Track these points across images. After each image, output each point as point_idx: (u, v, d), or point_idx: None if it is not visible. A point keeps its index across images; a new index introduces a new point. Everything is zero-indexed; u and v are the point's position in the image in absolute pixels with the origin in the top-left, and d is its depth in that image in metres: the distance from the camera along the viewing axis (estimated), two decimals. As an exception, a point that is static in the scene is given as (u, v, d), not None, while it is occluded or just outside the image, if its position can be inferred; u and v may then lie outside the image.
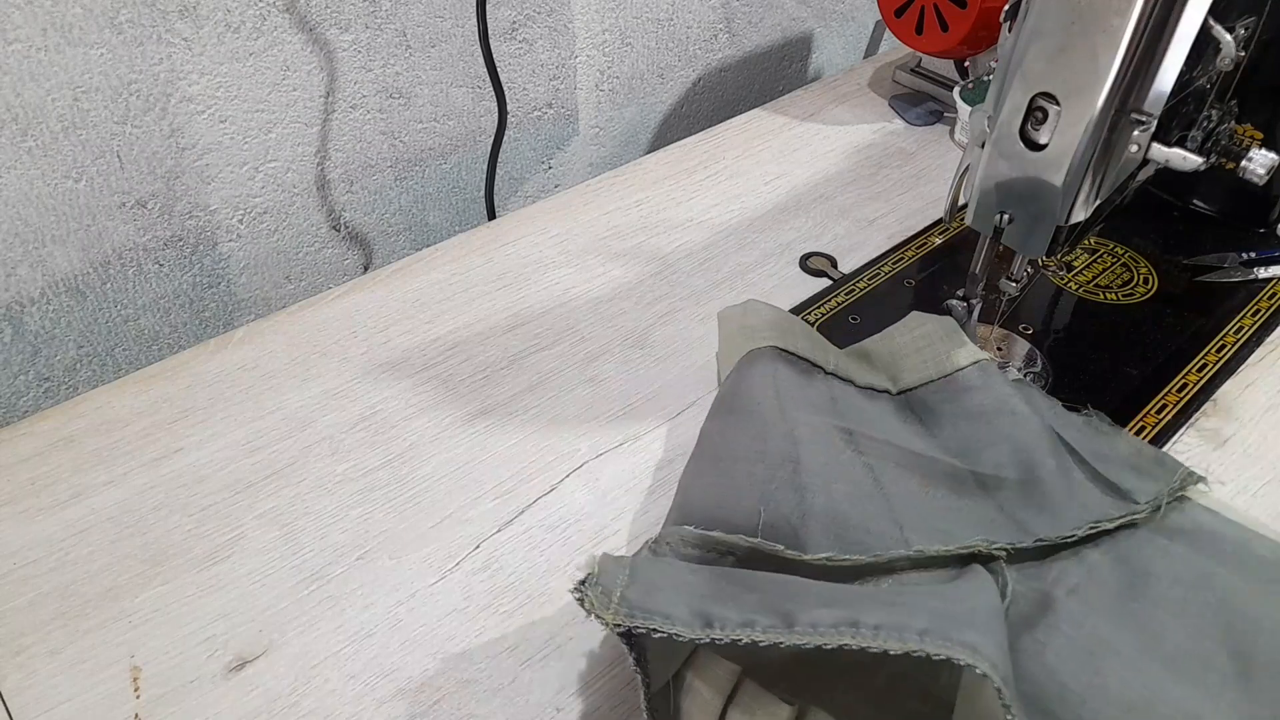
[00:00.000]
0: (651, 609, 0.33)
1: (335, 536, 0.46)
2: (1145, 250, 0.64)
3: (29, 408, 0.63)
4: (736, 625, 0.32)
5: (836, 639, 0.31)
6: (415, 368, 0.56)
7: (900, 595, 0.36)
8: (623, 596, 0.33)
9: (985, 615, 0.34)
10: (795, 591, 0.35)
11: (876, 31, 1.12)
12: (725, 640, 0.32)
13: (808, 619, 0.32)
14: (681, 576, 0.36)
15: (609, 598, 0.33)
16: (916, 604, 0.34)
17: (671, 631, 0.32)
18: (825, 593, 0.35)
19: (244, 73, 0.62)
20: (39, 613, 0.43)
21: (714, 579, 0.36)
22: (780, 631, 0.32)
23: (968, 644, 0.31)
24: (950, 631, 0.31)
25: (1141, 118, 0.43)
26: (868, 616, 0.32)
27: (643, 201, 0.71)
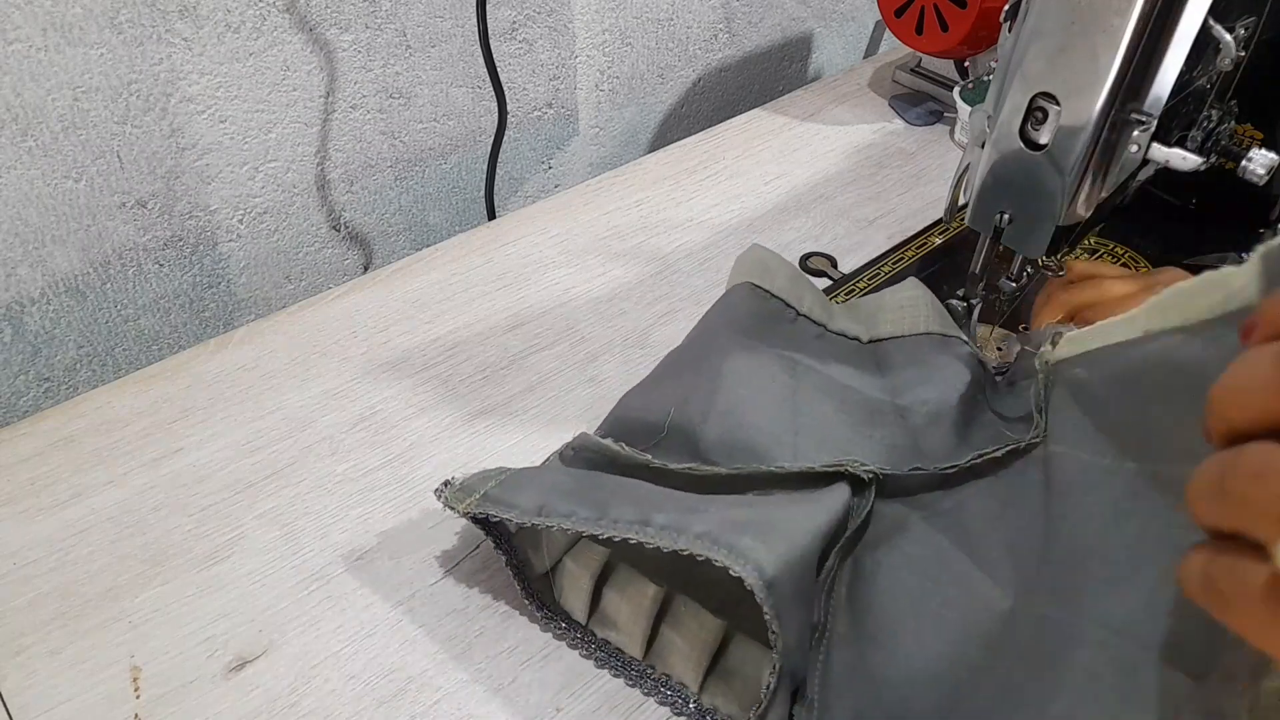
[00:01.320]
0: (504, 500, 0.38)
1: (335, 536, 0.46)
2: (1145, 250, 0.64)
3: (29, 408, 0.63)
4: (560, 515, 0.37)
5: (626, 533, 0.35)
6: (415, 368, 0.56)
7: (710, 503, 0.38)
8: (485, 494, 0.39)
9: (781, 526, 0.36)
10: (624, 490, 0.39)
11: (876, 31, 1.12)
12: (544, 526, 0.37)
13: (614, 514, 0.36)
14: (553, 477, 0.41)
15: (469, 494, 0.39)
16: (713, 510, 0.37)
17: (507, 517, 0.38)
18: (645, 494, 0.39)
19: (244, 73, 0.62)
20: (39, 613, 0.43)
21: (578, 479, 0.41)
22: (589, 523, 0.36)
23: (737, 548, 0.34)
24: (725, 535, 0.34)
25: (1141, 118, 0.43)
26: (660, 516, 0.36)
27: (643, 201, 0.71)
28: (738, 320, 0.50)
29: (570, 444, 0.45)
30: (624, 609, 0.40)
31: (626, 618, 0.40)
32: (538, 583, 0.42)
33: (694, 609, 0.40)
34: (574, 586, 0.41)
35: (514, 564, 0.41)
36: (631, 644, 0.40)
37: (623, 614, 0.40)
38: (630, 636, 0.40)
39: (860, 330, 0.51)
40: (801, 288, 0.53)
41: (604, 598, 0.41)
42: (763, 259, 0.53)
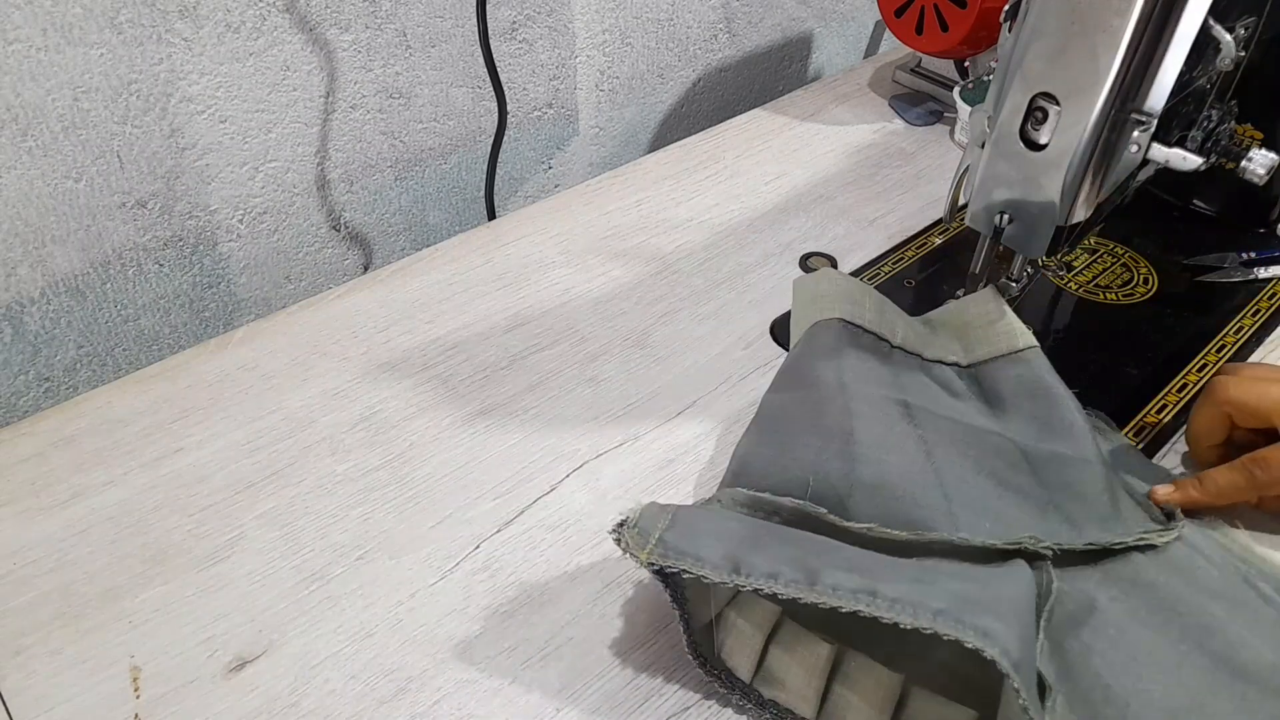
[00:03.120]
0: (686, 551, 0.35)
1: (335, 536, 0.46)
2: (1145, 250, 0.64)
3: (29, 408, 0.63)
4: (762, 574, 0.34)
5: (853, 604, 0.33)
6: (415, 368, 0.56)
7: (928, 573, 0.36)
8: (660, 539, 0.35)
9: (1010, 605, 0.35)
10: (826, 550, 0.37)
11: (876, 31, 1.12)
12: (748, 588, 0.34)
13: (830, 580, 0.34)
14: (724, 524, 0.38)
15: (645, 539, 0.35)
16: (940, 583, 0.35)
17: (700, 573, 0.34)
18: (854, 558, 0.36)
19: (244, 73, 0.62)
20: (39, 613, 0.43)
21: (754, 528, 0.38)
22: (801, 587, 0.33)
23: (980, 628, 0.32)
24: (965, 614, 0.32)
25: (1141, 118, 0.43)
26: (888, 588, 0.33)
27: (643, 201, 0.71)
28: (842, 366, 0.48)
29: (716, 497, 0.43)
30: (794, 668, 0.38)
31: (797, 678, 0.38)
32: (699, 635, 0.38)
33: (867, 665, 0.38)
34: (741, 643, 0.38)
35: (685, 617, 0.37)
36: (804, 705, 0.37)
37: (793, 673, 0.38)
38: (803, 698, 0.38)
39: (956, 353, 0.51)
40: (890, 315, 0.52)
41: (769, 655, 0.38)
42: (845, 289, 0.52)
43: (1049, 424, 0.46)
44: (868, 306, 0.51)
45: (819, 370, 0.48)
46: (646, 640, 0.42)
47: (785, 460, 0.43)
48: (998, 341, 0.50)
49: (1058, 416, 0.46)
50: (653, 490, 0.48)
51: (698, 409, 0.53)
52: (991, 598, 0.35)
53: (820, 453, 0.43)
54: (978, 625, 0.32)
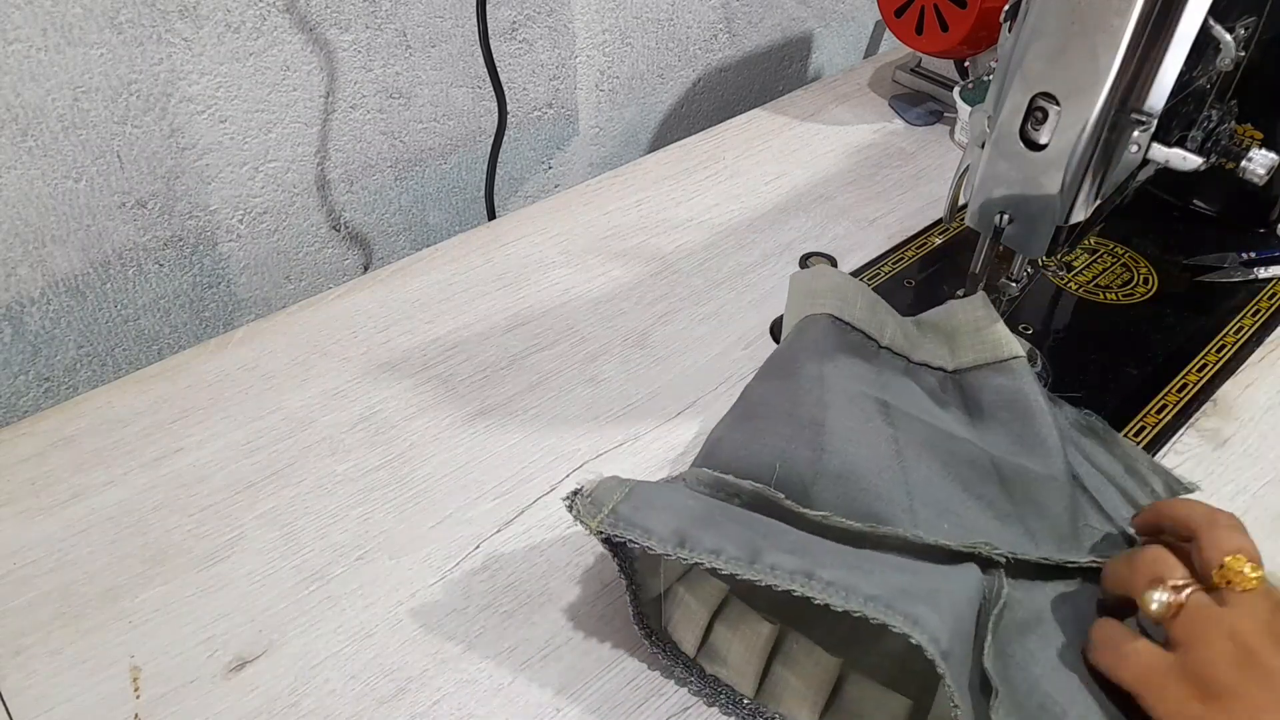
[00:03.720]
0: (636, 523, 0.36)
1: (335, 536, 0.46)
2: (1145, 250, 0.64)
3: (29, 408, 0.63)
4: (705, 550, 0.35)
5: (788, 584, 0.34)
6: (415, 368, 0.56)
7: (870, 562, 0.37)
8: (614, 509, 0.36)
9: (947, 598, 0.35)
10: (773, 532, 0.37)
11: (876, 31, 1.12)
12: (690, 561, 0.35)
13: (770, 559, 0.35)
14: (680, 500, 0.39)
15: (598, 508, 0.36)
16: (879, 572, 0.35)
17: (645, 544, 0.35)
18: (800, 541, 0.37)
19: (244, 73, 0.62)
20: (39, 613, 0.43)
21: (709, 507, 0.39)
22: (741, 564, 0.34)
23: (910, 615, 0.33)
24: (896, 602, 0.33)
25: (1141, 118, 0.43)
26: (825, 572, 0.34)
27: (643, 201, 0.71)
28: (824, 359, 0.48)
29: (682, 475, 0.43)
30: (736, 646, 0.39)
31: (738, 655, 0.39)
32: (648, 607, 0.40)
33: (808, 647, 0.39)
34: (687, 618, 0.39)
35: (633, 588, 0.39)
36: (743, 682, 0.38)
37: (734, 651, 0.39)
38: (742, 675, 0.39)
39: (943, 358, 0.51)
40: (881, 315, 0.52)
41: (714, 632, 0.39)
42: (838, 285, 0.52)
43: (1023, 438, 0.46)
44: (859, 304, 0.51)
45: (801, 362, 0.48)
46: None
47: (755, 445, 0.44)
48: (984, 349, 0.50)
49: (1032, 431, 0.46)
50: (653, 490, 0.48)
51: (698, 409, 0.53)
52: (928, 589, 0.35)
53: (790, 440, 0.43)
54: (908, 612, 0.33)
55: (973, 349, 0.50)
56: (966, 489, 0.44)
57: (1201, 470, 0.49)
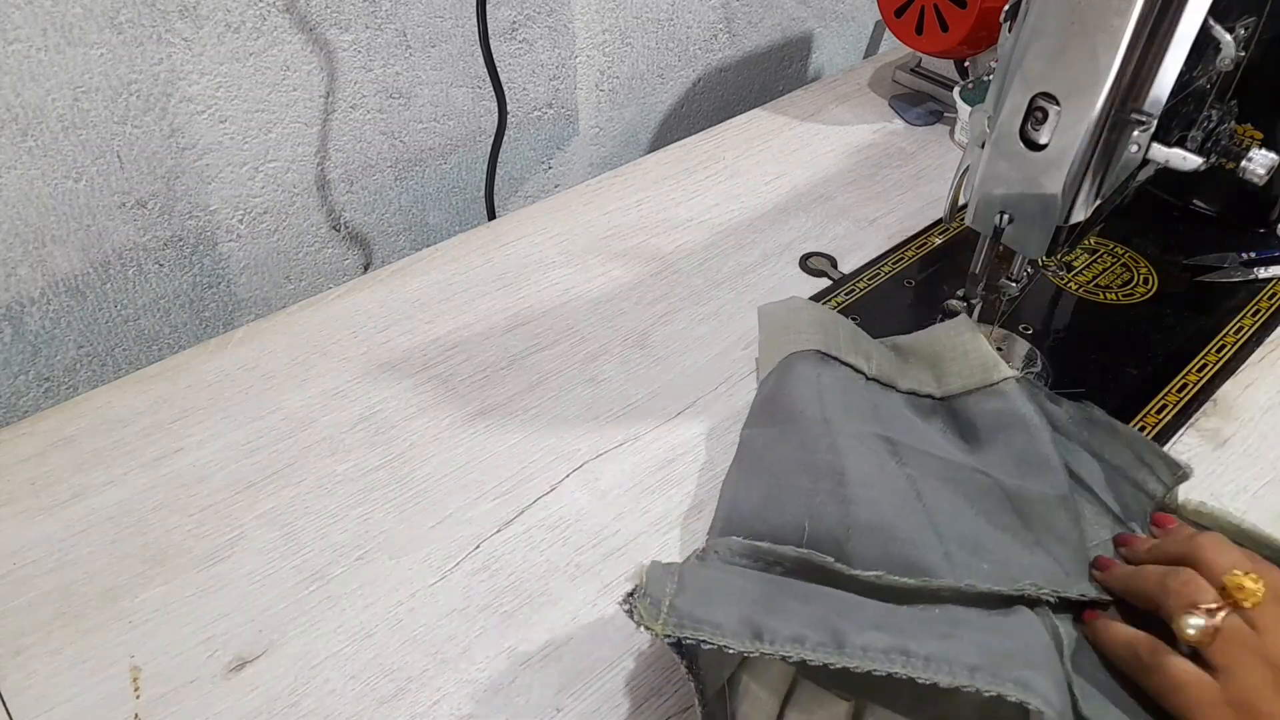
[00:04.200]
0: (701, 618, 0.33)
1: (335, 536, 0.46)
2: (1145, 250, 0.64)
3: (29, 408, 0.63)
4: (786, 640, 0.33)
5: (887, 666, 0.32)
6: (415, 368, 0.56)
7: (954, 627, 0.36)
8: (672, 605, 0.33)
9: (1040, 653, 0.35)
10: (847, 608, 0.35)
11: (876, 31, 1.12)
12: (775, 655, 0.32)
13: (859, 641, 0.33)
14: (732, 582, 0.36)
15: (658, 608, 0.33)
16: (967, 636, 0.34)
17: (721, 643, 0.32)
18: (877, 614, 0.35)
19: (244, 73, 0.62)
20: (39, 613, 0.43)
21: (765, 585, 0.37)
22: (830, 651, 0.32)
23: (1020, 680, 0.32)
24: (1001, 669, 0.32)
25: (1141, 118, 0.43)
26: (919, 646, 0.33)
27: (643, 201, 0.71)
28: (824, 401, 0.47)
29: (712, 546, 0.41)
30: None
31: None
32: (714, 702, 0.36)
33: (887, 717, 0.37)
34: (756, 709, 0.37)
35: (700, 687, 0.35)
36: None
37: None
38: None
39: (929, 384, 0.51)
40: (864, 345, 0.51)
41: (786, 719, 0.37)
42: (818, 319, 0.51)
43: (1024, 460, 0.46)
44: (841, 336, 0.51)
45: (801, 405, 0.47)
46: (646, 640, 0.41)
47: (777, 503, 0.42)
48: (972, 375, 0.50)
49: (1034, 452, 0.46)
50: (653, 490, 0.48)
51: (698, 409, 0.53)
52: (1021, 647, 0.35)
53: (812, 495, 0.42)
54: (1016, 678, 0.32)
55: (961, 375, 0.50)
56: (990, 521, 0.43)
57: (1202, 470, 0.49)
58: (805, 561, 0.39)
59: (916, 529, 0.41)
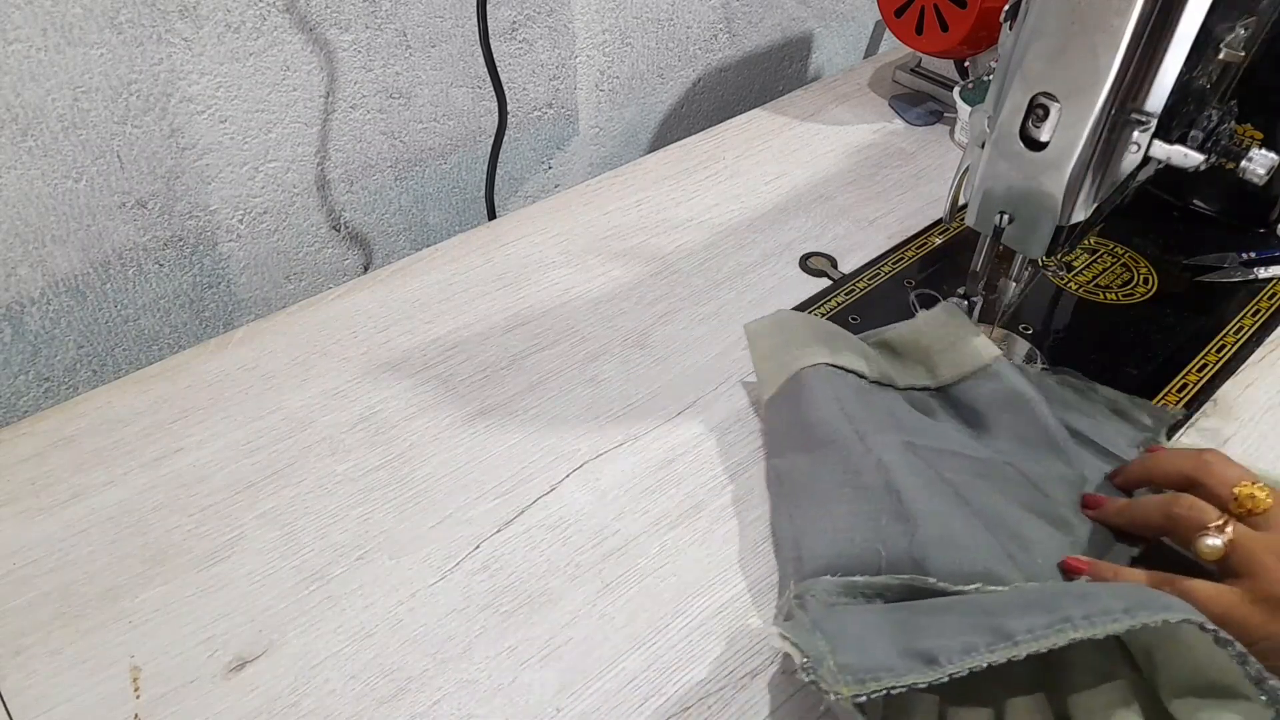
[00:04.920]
0: (872, 667, 0.33)
1: (335, 536, 0.46)
2: (1145, 250, 0.64)
3: (29, 408, 0.63)
4: (959, 654, 0.33)
5: (1061, 638, 0.32)
6: (415, 368, 0.56)
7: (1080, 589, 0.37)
8: (839, 664, 0.33)
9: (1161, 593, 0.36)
10: (989, 606, 0.35)
11: (876, 31, 1.12)
12: (961, 673, 0.32)
13: (1023, 626, 0.33)
14: (866, 620, 0.36)
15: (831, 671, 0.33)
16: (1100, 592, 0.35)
17: (906, 683, 0.32)
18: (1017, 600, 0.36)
19: (244, 73, 0.62)
20: (39, 613, 0.43)
21: (892, 614, 0.36)
22: (1006, 648, 0.33)
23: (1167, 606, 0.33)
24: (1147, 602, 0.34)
25: (1141, 117, 0.43)
26: (1074, 610, 0.33)
27: (643, 201, 0.71)
28: (850, 416, 0.46)
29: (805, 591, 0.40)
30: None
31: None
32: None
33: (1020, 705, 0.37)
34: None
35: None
36: None
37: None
38: None
39: (925, 377, 0.52)
40: (858, 348, 0.52)
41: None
42: (817, 331, 0.51)
43: (1029, 438, 0.47)
44: (841, 346, 0.51)
45: (831, 424, 0.46)
46: (646, 640, 0.42)
47: (845, 534, 0.42)
48: (963, 363, 0.51)
49: (1038, 428, 0.47)
50: (653, 490, 0.48)
51: (698, 409, 0.53)
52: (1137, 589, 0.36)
53: (876, 518, 0.42)
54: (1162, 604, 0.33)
55: (951, 365, 0.51)
56: (1027, 509, 0.44)
57: (1201, 470, 0.49)
58: (907, 587, 0.39)
59: (977, 536, 0.41)
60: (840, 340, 0.51)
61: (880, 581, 0.39)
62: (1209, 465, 0.41)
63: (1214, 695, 0.34)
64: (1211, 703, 0.34)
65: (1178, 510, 0.40)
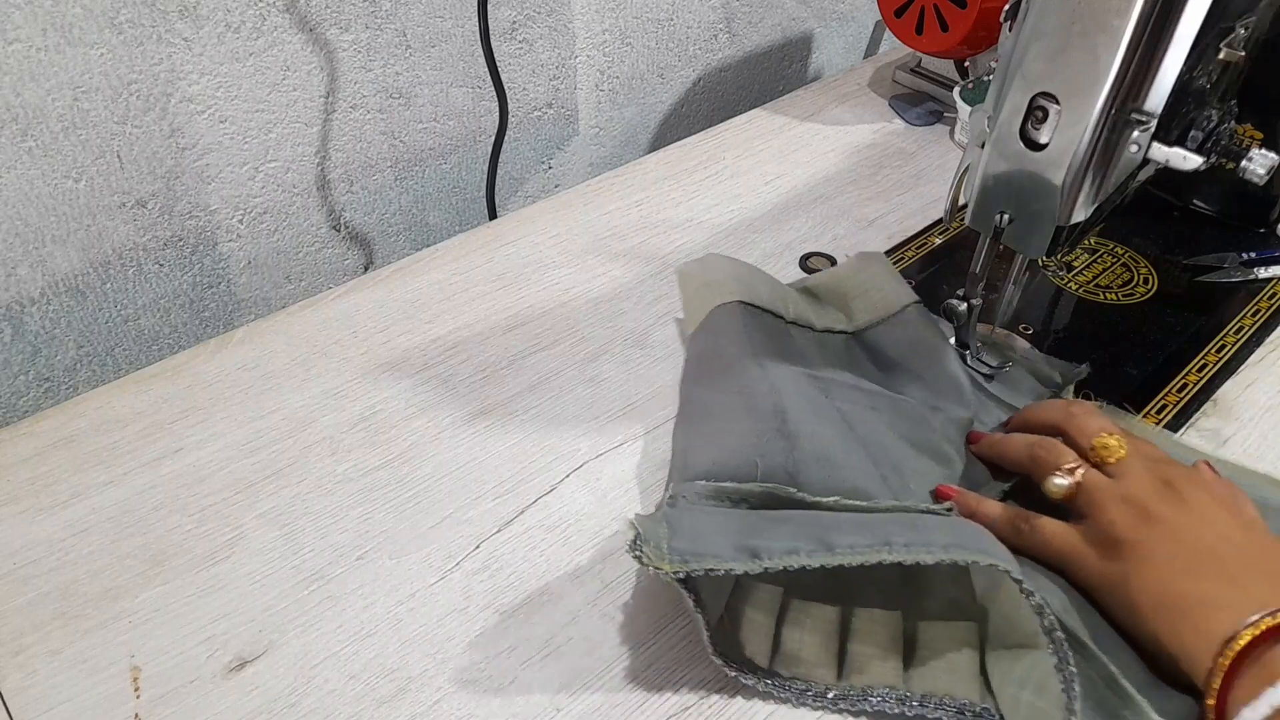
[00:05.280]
0: (700, 552, 0.36)
1: (335, 536, 0.46)
2: (1145, 250, 0.64)
3: (29, 408, 0.63)
4: (781, 554, 0.36)
5: (875, 557, 0.36)
6: (415, 368, 0.56)
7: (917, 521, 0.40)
8: (671, 547, 0.36)
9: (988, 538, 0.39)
10: (825, 521, 0.39)
11: (876, 31, 1.12)
12: (776, 569, 0.36)
13: (846, 542, 0.37)
14: (714, 520, 0.40)
15: (660, 551, 0.36)
16: (934, 526, 0.39)
17: (725, 569, 0.36)
18: (854, 520, 0.39)
19: (244, 73, 0.62)
20: (39, 613, 0.43)
21: (744, 518, 0.40)
22: (823, 555, 0.36)
23: (984, 550, 0.36)
24: (968, 544, 0.37)
25: (1141, 118, 0.43)
26: (898, 536, 0.37)
27: (643, 201, 0.71)
28: (754, 347, 0.50)
29: (679, 493, 0.42)
30: (808, 640, 0.40)
31: (813, 648, 0.40)
32: (715, 633, 0.39)
33: (869, 616, 0.40)
34: (754, 631, 0.40)
35: (706, 618, 0.38)
36: (824, 672, 0.39)
37: (807, 646, 0.40)
38: (821, 665, 0.39)
39: (842, 321, 0.55)
40: (781, 291, 0.54)
41: (783, 636, 0.40)
42: (737, 272, 0.54)
43: (933, 383, 0.50)
44: (759, 286, 0.54)
45: (735, 353, 0.50)
46: (646, 640, 0.42)
47: (728, 446, 0.44)
48: (877, 308, 0.54)
49: (942, 372, 0.50)
50: (653, 490, 0.48)
51: (698, 409, 0.53)
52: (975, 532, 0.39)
53: (760, 435, 0.44)
54: (981, 548, 0.36)
55: (867, 310, 0.54)
56: (914, 445, 0.46)
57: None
58: (770, 495, 0.42)
59: (854, 458, 0.44)
60: (761, 282, 0.55)
61: (745, 488, 0.42)
62: (1073, 416, 0.44)
63: (1018, 645, 0.37)
64: (1015, 652, 0.37)
65: (1038, 450, 0.43)
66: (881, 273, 0.55)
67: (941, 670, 0.39)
